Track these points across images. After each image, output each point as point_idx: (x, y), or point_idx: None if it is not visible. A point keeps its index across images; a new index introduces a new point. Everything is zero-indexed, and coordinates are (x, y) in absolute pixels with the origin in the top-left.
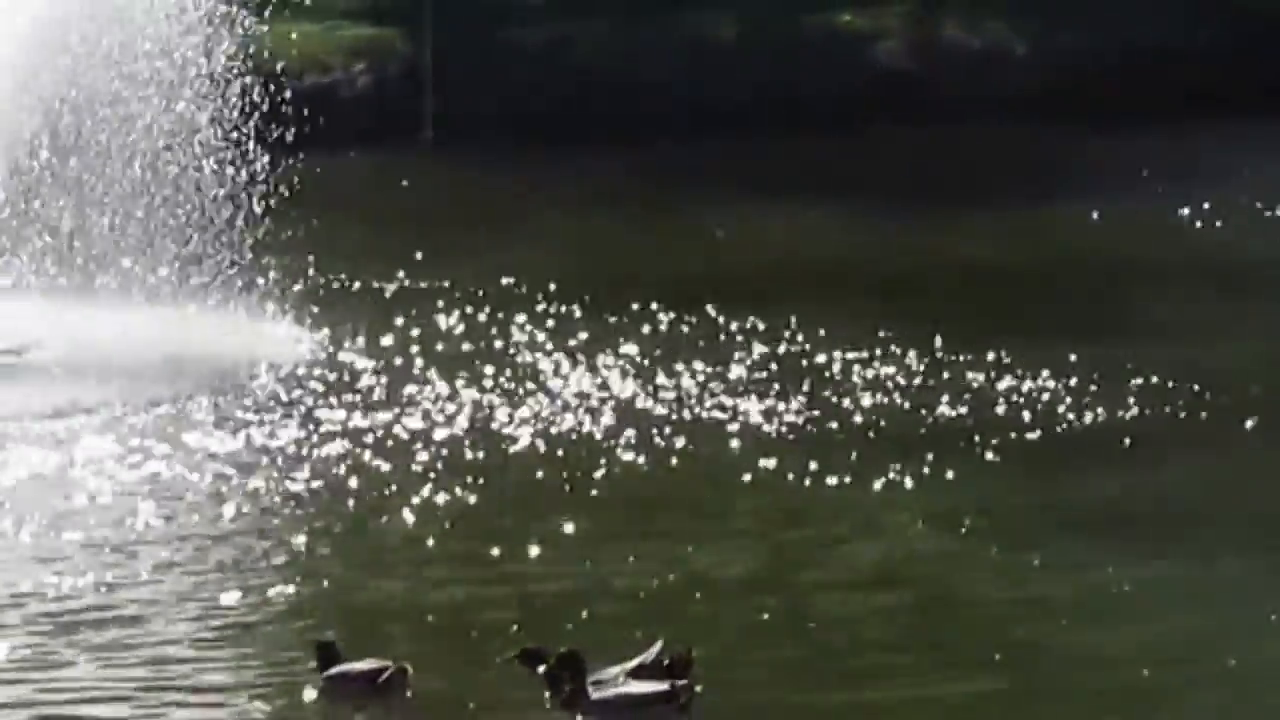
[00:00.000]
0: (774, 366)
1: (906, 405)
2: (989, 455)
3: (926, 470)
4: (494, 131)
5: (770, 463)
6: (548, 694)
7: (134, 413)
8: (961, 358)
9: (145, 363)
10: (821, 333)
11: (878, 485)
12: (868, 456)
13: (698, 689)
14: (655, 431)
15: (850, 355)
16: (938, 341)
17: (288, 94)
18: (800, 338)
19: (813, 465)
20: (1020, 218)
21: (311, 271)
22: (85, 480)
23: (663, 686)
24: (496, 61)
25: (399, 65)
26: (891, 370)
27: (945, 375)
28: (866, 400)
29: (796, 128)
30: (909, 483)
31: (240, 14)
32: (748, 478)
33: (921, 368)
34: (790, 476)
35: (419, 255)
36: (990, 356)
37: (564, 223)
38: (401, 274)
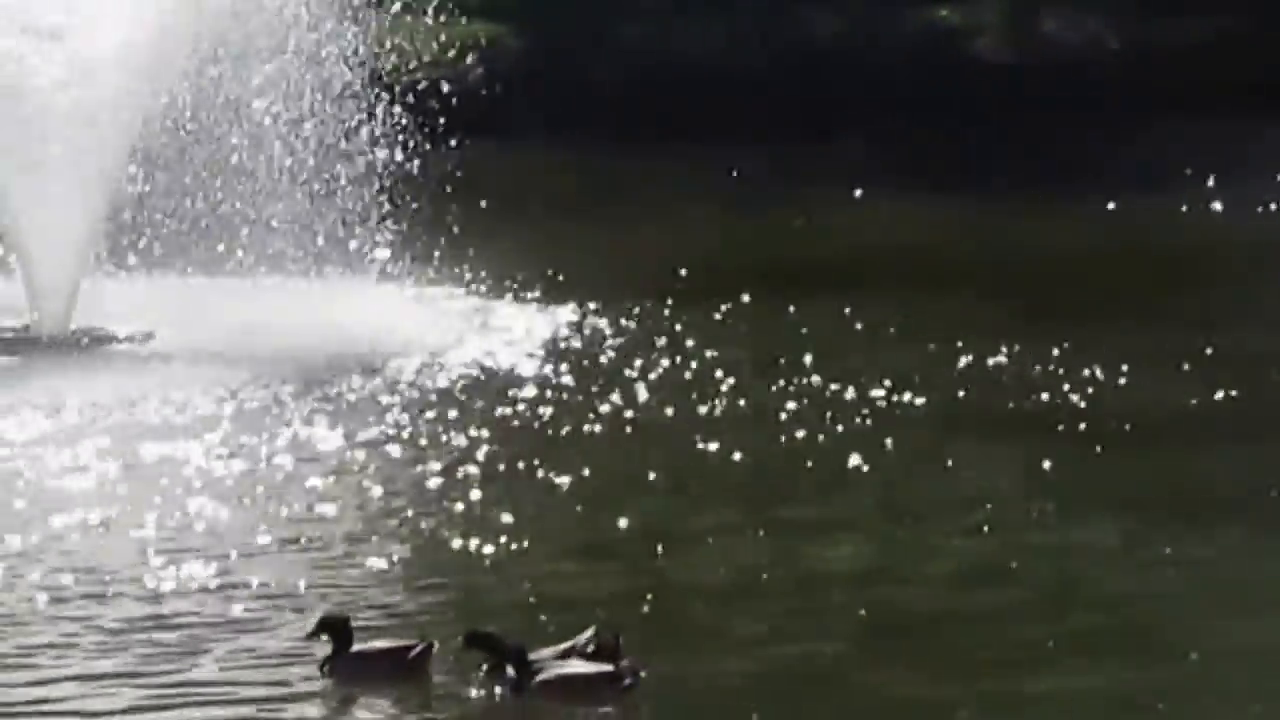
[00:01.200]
0: (878, 357)
1: (1014, 394)
2: (1098, 445)
3: (1034, 460)
4: (602, 126)
5: (875, 453)
6: (491, 682)
7: (256, 401)
8: (1066, 346)
9: (273, 350)
10: (923, 323)
11: (986, 476)
12: (973, 446)
13: (642, 673)
14: (761, 422)
15: (956, 345)
16: (1042, 330)
17: (404, 87)
18: (902, 328)
19: (919, 456)
20: (1119, 209)
21: (433, 261)
22: (206, 472)
23: (607, 667)
24: (605, 56)
25: (510, 59)
26: (1002, 359)
27: (1050, 365)
28: (974, 390)
29: (895, 123)
30: (1017, 473)
31: (362, 10)
32: (852, 469)
33: (1028, 357)
34: (896, 467)
35: (532, 244)
36: (1097, 345)
37: (669, 215)
38: (517, 262)
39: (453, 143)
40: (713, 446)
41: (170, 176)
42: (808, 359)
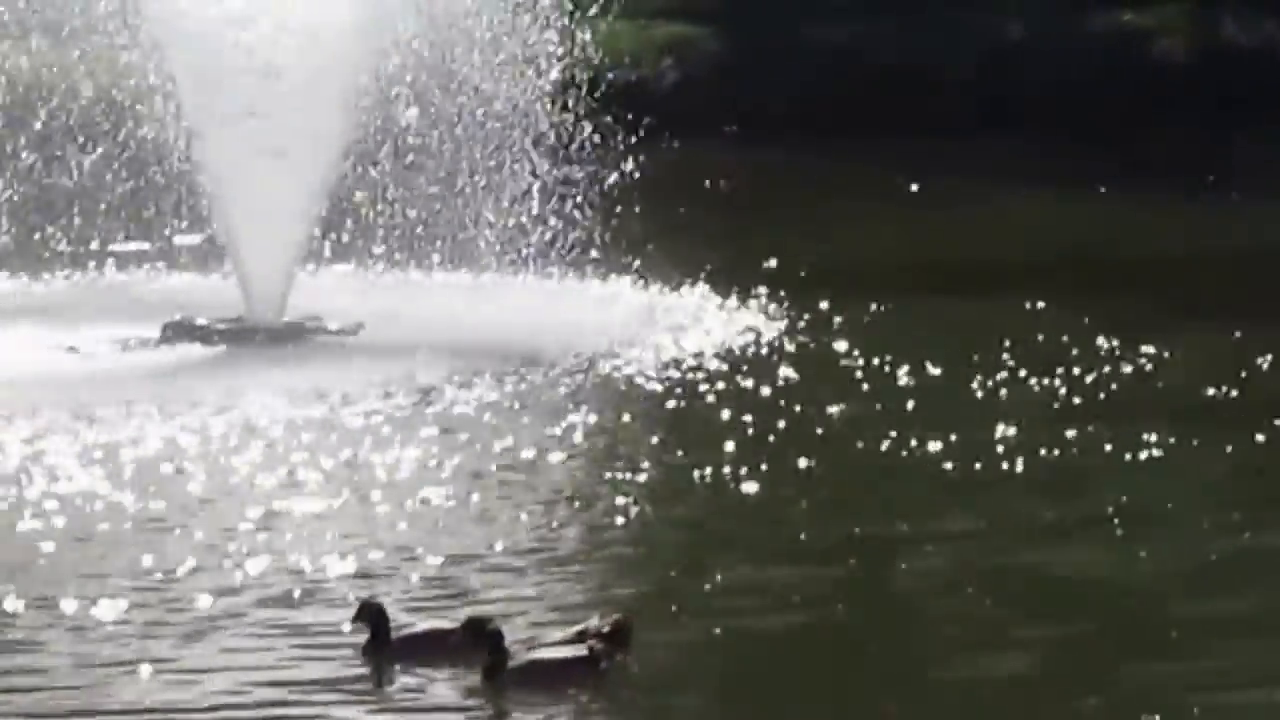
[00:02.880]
0: (1070, 353)
1: (1215, 391)
2: None
3: (1246, 458)
4: (794, 125)
5: (1083, 452)
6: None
7: (457, 394)
8: (1262, 343)
9: (475, 344)
10: (1113, 319)
11: (1197, 475)
12: (1181, 444)
13: (617, 657)
14: (962, 420)
15: (1149, 342)
16: (1235, 326)
17: (605, 87)
18: (1092, 324)
19: (1129, 453)
20: None
21: (630, 256)
22: (398, 465)
23: (580, 651)
24: (798, 57)
25: (707, 61)
26: (1201, 355)
27: (1253, 361)
28: (1179, 387)
29: (1079, 122)
30: (1231, 472)
31: (561, 13)
32: (1059, 468)
33: (1231, 352)
34: (1106, 466)
35: (726, 241)
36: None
37: (858, 212)
38: (715, 259)
39: (651, 142)
40: (915, 445)
41: (380, 173)
42: (1003, 356)
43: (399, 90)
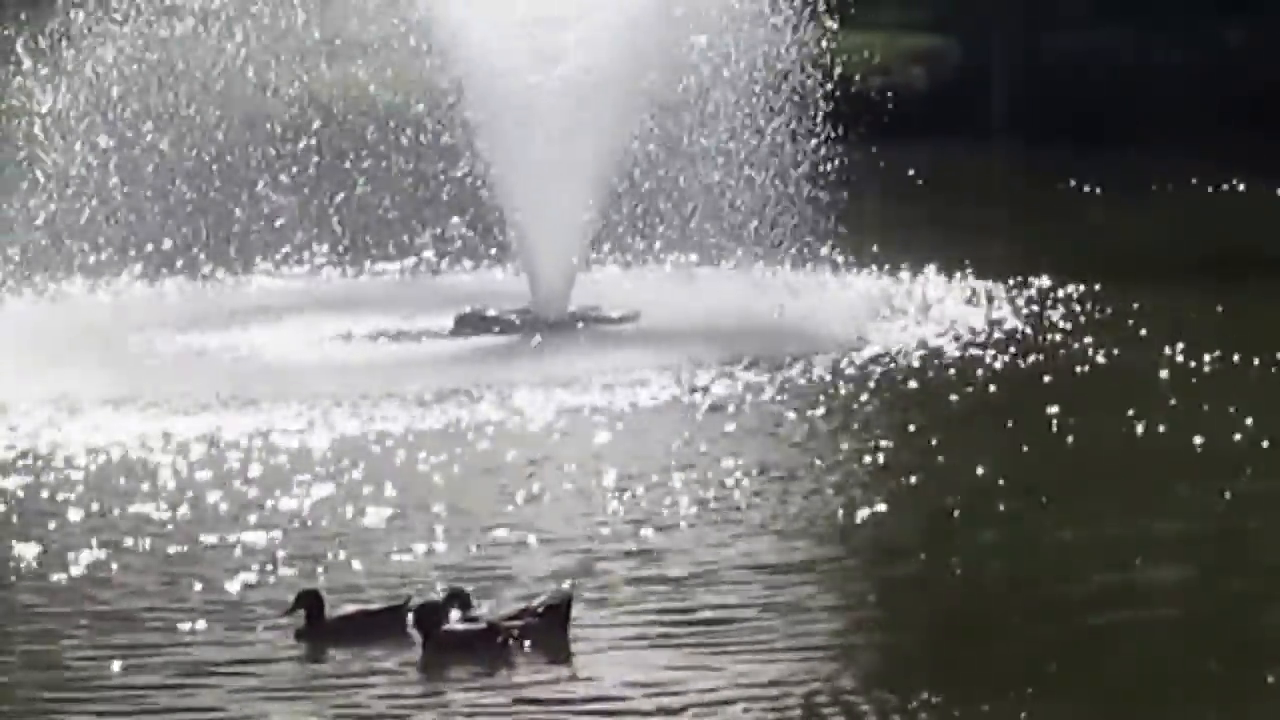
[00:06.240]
0: None
1: None
2: None
3: None
4: (1038, 130)
5: None
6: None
7: (733, 377)
8: None
9: (742, 330)
10: None
11: None
12: None
13: (514, 634)
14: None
15: None
16: None
17: (855, 91)
18: None
19: None
20: None
21: (879, 249)
22: (680, 444)
23: (482, 625)
24: (1041, 65)
25: (953, 69)
26: None
27: None
28: None
29: None
30: None
31: (811, 24)
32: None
33: None
34: None
35: (970, 236)
36: None
37: (1106, 207)
38: (954, 255)
39: (904, 144)
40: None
41: (649, 176)
42: (1256, 356)
43: (682, 86)
